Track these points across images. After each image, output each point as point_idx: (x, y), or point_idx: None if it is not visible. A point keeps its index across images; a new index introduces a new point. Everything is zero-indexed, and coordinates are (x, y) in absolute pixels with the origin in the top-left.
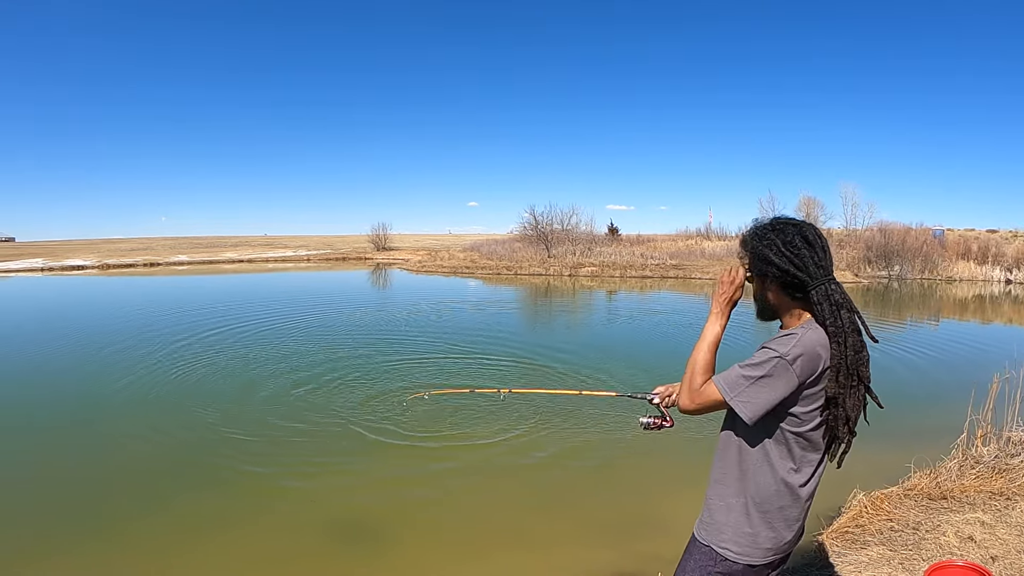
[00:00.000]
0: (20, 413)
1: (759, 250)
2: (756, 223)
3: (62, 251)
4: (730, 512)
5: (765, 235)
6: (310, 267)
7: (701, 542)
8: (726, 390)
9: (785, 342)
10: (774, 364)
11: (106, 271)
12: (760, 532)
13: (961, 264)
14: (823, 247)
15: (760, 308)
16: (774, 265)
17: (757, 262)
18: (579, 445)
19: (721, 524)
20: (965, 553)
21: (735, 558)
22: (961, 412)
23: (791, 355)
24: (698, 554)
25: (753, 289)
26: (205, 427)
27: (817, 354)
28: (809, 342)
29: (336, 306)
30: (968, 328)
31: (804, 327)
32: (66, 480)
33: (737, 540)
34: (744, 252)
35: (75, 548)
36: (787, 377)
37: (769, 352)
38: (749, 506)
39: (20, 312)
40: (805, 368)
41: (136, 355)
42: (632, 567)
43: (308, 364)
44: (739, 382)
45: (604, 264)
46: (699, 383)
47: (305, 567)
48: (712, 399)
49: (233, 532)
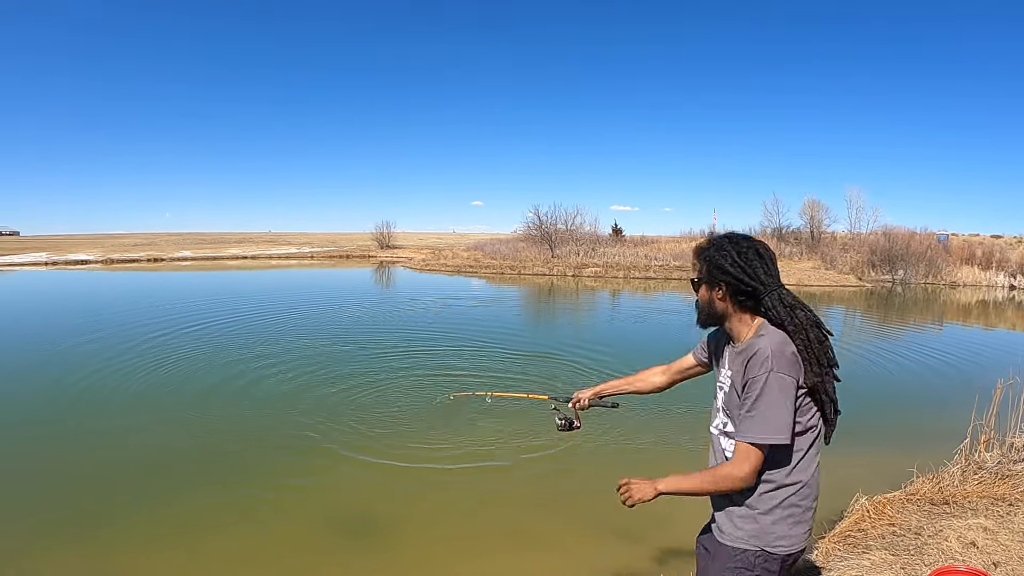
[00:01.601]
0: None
1: (715, 259)
2: (710, 235)
3: (66, 245)
4: (770, 512)
5: (722, 246)
6: (314, 264)
7: (739, 547)
8: (756, 436)
9: (760, 362)
10: (768, 380)
11: (110, 266)
12: (792, 526)
13: (965, 269)
14: (772, 259)
15: (705, 315)
16: (729, 273)
17: (712, 270)
18: (582, 441)
19: (762, 525)
20: (967, 559)
21: (776, 551)
22: (964, 417)
23: (777, 367)
24: (736, 559)
25: (699, 297)
26: (213, 421)
27: (790, 352)
28: (777, 348)
29: (347, 303)
30: (972, 333)
31: (760, 335)
32: (53, 477)
33: (785, 536)
34: (698, 261)
35: (61, 546)
36: (785, 384)
37: (757, 379)
38: (799, 503)
39: (26, 305)
40: (791, 368)
41: (148, 350)
42: (635, 566)
43: (322, 362)
44: (758, 420)
45: (608, 265)
46: (725, 472)
47: (305, 564)
48: (755, 460)
49: (227, 531)
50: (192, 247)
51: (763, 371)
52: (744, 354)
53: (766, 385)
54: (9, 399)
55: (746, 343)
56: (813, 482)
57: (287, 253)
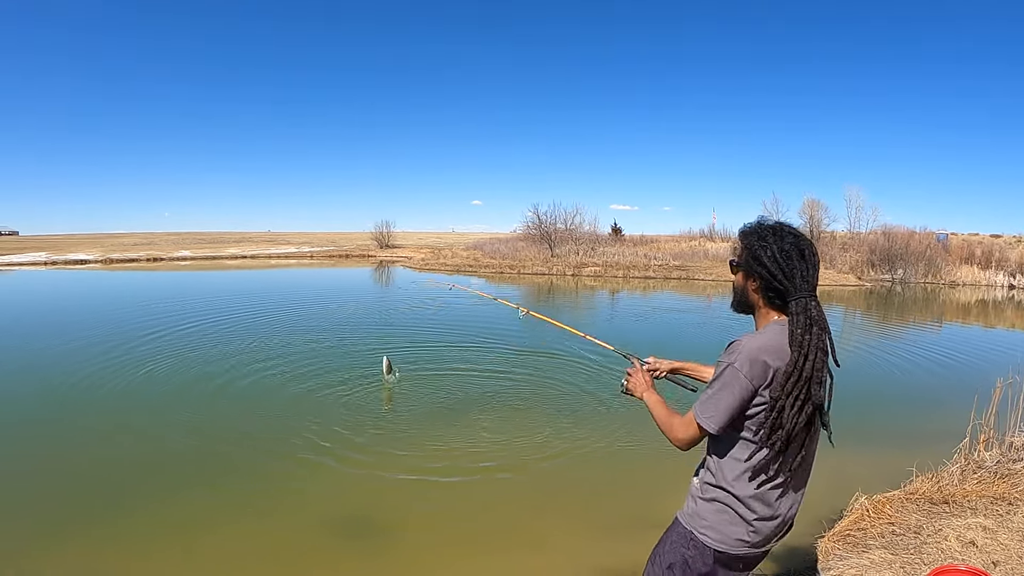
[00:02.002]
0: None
1: (754, 249)
2: (761, 221)
3: (66, 245)
4: (713, 501)
5: (764, 236)
6: (313, 264)
7: (681, 526)
8: (697, 413)
9: (731, 351)
10: (724, 371)
11: (109, 265)
12: (726, 524)
13: (964, 268)
14: (815, 264)
15: (737, 301)
16: (764, 267)
17: (749, 259)
18: (582, 441)
19: (698, 507)
20: (967, 558)
21: (714, 544)
22: (964, 416)
23: (738, 363)
24: (674, 532)
25: (735, 280)
26: (209, 421)
27: (763, 360)
28: (753, 349)
29: (346, 301)
30: (971, 333)
31: (757, 333)
32: (48, 476)
33: (708, 524)
34: (740, 244)
35: (60, 546)
36: (738, 382)
37: (720, 364)
38: (720, 500)
39: (25, 305)
40: (753, 372)
41: (142, 350)
42: (637, 566)
43: (320, 360)
44: (704, 401)
45: (607, 264)
46: (675, 424)
47: (303, 563)
48: (692, 432)
49: (224, 530)
50: (191, 247)
51: (728, 360)
52: (731, 345)
53: (723, 373)
54: (7, 398)
55: (735, 341)
56: (760, 504)
57: (286, 252)
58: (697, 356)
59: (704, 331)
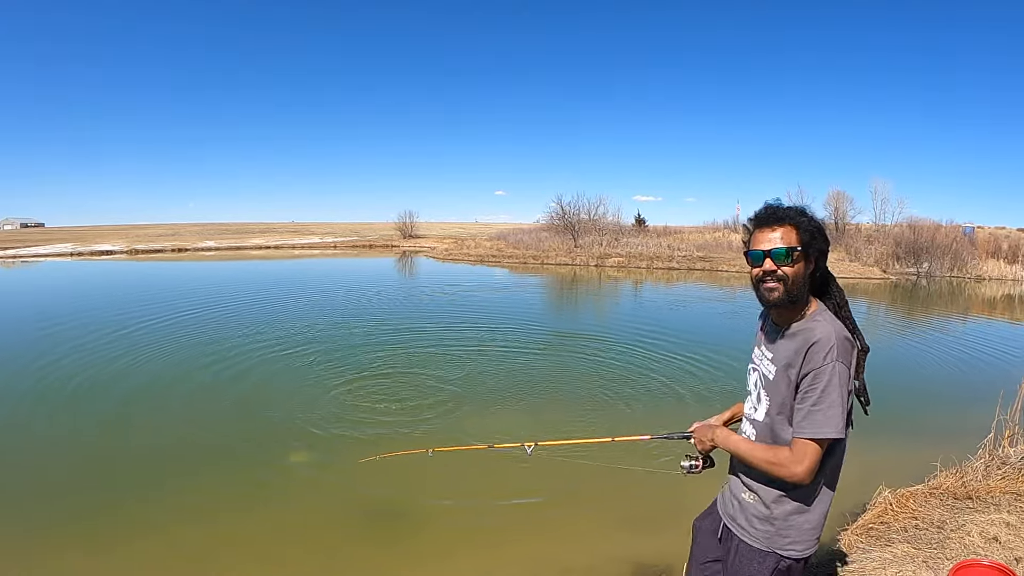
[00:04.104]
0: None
1: (818, 225)
2: (777, 202)
3: (91, 236)
4: (802, 513)
5: (810, 214)
6: (336, 254)
7: (765, 550)
8: (815, 431)
9: (822, 346)
10: (829, 371)
11: (134, 256)
12: (820, 522)
13: (991, 263)
14: None
15: (798, 292)
16: (827, 243)
17: (818, 236)
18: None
19: (794, 526)
20: (989, 553)
21: (800, 555)
22: (989, 412)
23: (841, 358)
24: (758, 561)
25: (791, 272)
26: (229, 409)
27: (848, 345)
28: (842, 338)
29: (374, 291)
30: (997, 328)
31: (816, 320)
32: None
33: (806, 538)
34: (791, 227)
35: (60, 542)
36: (846, 375)
37: (822, 370)
38: (825, 502)
39: (65, 293)
40: (849, 356)
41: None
42: (650, 559)
43: (348, 350)
44: (816, 414)
45: (631, 255)
46: (785, 458)
47: (318, 552)
48: (815, 458)
49: (235, 516)
50: (216, 237)
51: (828, 361)
52: (801, 338)
53: (831, 377)
54: (33, 389)
55: (802, 325)
56: (829, 492)
57: (310, 243)
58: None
59: (738, 321)
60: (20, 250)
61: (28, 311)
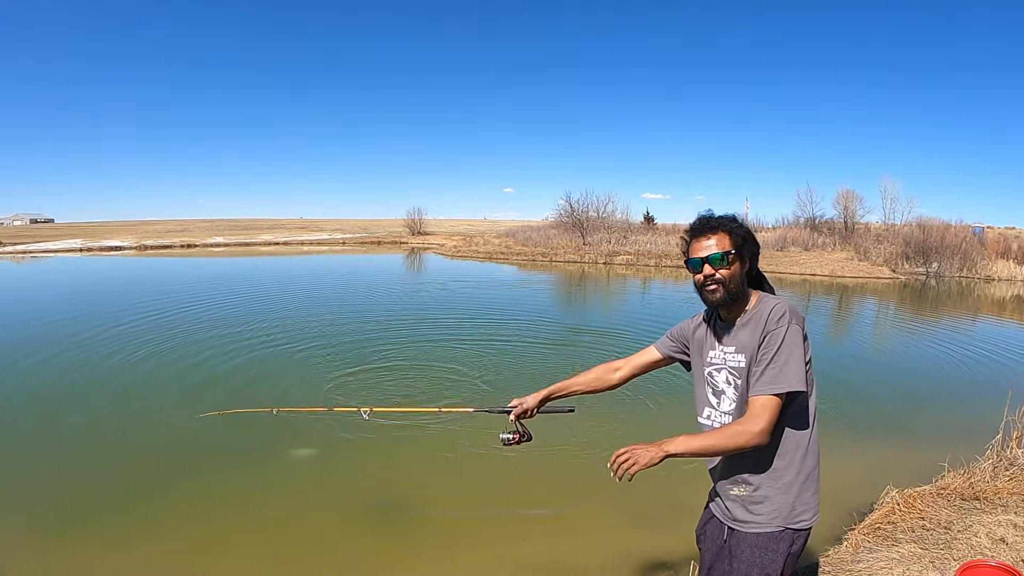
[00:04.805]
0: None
1: (746, 230)
2: (709, 213)
3: (100, 232)
4: (790, 489)
5: (740, 221)
6: (345, 250)
7: (777, 531)
8: (775, 387)
9: (776, 314)
10: (786, 333)
11: (143, 252)
12: (816, 487)
13: (1001, 263)
14: None
15: (737, 290)
16: (757, 244)
17: (750, 241)
18: (611, 431)
19: (791, 502)
20: (996, 554)
21: (809, 523)
22: (997, 413)
23: (796, 321)
24: (772, 547)
25: (727, 274)
26: (234, 402)
27: (798, 310)
28: (788, 304)
29: (381, 288)
30: (1006, 329)
31: (763, 302)
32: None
33: (810, 505)
34: (724, 233)
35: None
36: (800, 336)
37: (776, 332)
38: (813, 474)
39: (77, 288)
40: (802, 322)
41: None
42: (661, 554)
43: (360, 346)
44: (776, 372)
45: (639, 253)
46: (742, 427)
47: (325, 545)
48: (773, 413)
49: (238, 511)
50: (225, 233)
51: (782, 324)
52: (754, 320)
53: (785, 336)
54: (39, 386)
55: (752, 311)
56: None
57: (319, 239)
58: None
59: None
60: (30, 245)
61: (32, 307)
